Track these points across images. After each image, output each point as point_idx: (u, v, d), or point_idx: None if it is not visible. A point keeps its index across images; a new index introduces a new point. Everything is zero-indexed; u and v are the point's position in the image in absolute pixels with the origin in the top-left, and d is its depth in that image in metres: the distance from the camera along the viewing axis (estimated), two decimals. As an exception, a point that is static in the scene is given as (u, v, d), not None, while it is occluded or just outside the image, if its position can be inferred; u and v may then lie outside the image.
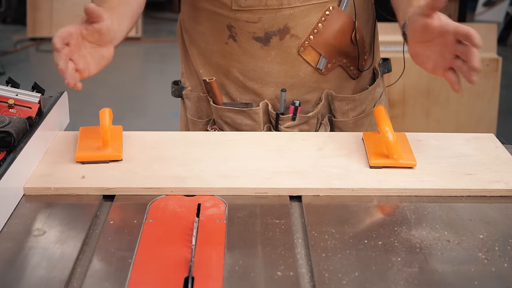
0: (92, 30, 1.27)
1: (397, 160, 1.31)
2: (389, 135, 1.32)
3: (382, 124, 1.34)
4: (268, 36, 1.56)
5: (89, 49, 1.29)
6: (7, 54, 6.12)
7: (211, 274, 1.00)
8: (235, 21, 1.56)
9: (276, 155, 1.37)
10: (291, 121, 1.62)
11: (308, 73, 1.61)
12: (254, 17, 1.55)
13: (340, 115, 1.67)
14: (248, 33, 1.57)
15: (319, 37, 1.57)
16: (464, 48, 1.24)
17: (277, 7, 1.54)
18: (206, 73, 1.66)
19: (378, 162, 1.32)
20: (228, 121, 1.63)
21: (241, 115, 1.62)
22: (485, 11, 6.68)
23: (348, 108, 1.66)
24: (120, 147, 1.36)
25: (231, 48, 1.60)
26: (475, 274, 1.01)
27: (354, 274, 1.01)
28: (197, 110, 1.72)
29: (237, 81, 1.63)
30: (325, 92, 1.64)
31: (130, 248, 1.07)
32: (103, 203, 1.22)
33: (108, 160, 1.32)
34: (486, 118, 3.59)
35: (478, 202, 1.22)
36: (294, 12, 1.54)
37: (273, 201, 1.21)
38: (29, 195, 1.23)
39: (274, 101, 1.63)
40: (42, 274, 1.00)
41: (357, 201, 1.22)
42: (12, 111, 1.36)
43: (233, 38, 1.59)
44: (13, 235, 1.10)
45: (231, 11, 1.56)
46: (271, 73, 1.60)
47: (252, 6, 1.54)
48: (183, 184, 1.25)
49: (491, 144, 1.43)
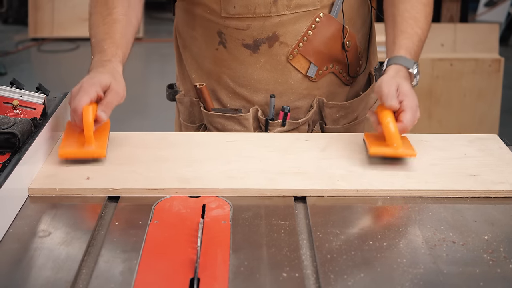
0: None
1: (396, 148, 1.31)
2: (390, 126, 1.32)
3: (384, 116, 1.34)
4: (257, 44, 1.56)
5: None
6: (8, 54, 6.12)
7: (216, 275, 1.00)
8: (225, 28, 1.57)
9: (280, 156, 1.37)
10: (280, 126, 1.62)
11: (298, 80, 1.60)
12: (243, 25, 1.55)
13: (330, 122, 1.66)
14: (237, 40, 1.57)
15: (308, 45, 1.57)
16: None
17: (265, 15, 1.54)
18: (198, 78, 1.67)
19: (378, 150, 1.32)
20: (218, 127, 1.64)
21: (231, 121, 1.62)
22: (487, 11, 6.68)
23: (338, 115, 1.66)
24: (105, 144, 1.34)
25: (221, 55, 1.60)
26: (480, 275, 1.01)
27: (360, 275, 1.01)
28: (189, 115, 1.72)
29: (228, 87, 1.63)
30: (317, 98, 1.64)
31: (136, 249, 1.07)
32: (107, 204, 1.22)
33: (91, 158, 1.31)
34: (488, 119, 3.59)
35: (482, 203, 1.23)
36: (282, 20, 1.54)
37: (278, 202, 1.22)
38: (34, 196, 1.23)
39: (264, 107, 1.63)
40: (48, 275, 1.00)
41: (361, 202, 1.22)
42: (16, 112, 1.36)
43: (223, 44, 1.59)
44: (18, 236, 1.10)
45: (221, 18, 1.56)
46: (261, 80, 1.60)
47: (241, 14, 1.54)
48: (187, 185, 1.25)
49: (495, 145, 1.43)
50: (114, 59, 1.41)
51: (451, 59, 3.54)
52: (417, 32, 1.49)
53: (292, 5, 1.53)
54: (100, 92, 1.34)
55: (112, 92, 1.35)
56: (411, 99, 1.37)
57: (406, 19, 1.49)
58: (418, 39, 1.49)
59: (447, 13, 4.41)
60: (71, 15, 6.54)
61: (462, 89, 3.56)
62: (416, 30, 1.49)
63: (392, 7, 1.53)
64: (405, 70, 1.43)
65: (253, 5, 1.52)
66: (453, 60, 3.54)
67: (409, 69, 1.44)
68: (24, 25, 6.76)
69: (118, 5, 1.48)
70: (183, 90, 1.73)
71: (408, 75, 1.44)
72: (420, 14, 1.51)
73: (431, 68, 3.51)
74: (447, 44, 3.66)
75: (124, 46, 1.45)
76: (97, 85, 1.34)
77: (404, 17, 1.50)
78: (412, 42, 1.47)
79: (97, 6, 1.50)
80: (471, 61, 3.53)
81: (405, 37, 1.47)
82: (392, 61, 1.45)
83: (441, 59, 3.53)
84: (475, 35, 3.67)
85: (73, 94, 1.34)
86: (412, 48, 1.46)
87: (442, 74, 3.54)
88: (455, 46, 3.66)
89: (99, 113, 1.32)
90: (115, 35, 1.44)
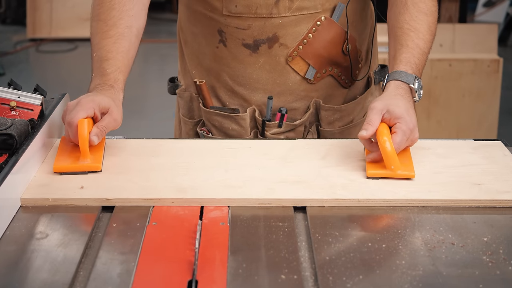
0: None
1: (394, 171, 1.28)
2: (386, 145, 1.28)
3: (380, 134, 1.30)
4: (257, 44, 1.56)
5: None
6: (7, 55, 6.11)
7: (214, 277, 1.00)
8: (226, 27, 1.57)
9: (279, 164, 1.35)
10: (277, 127, 1.61)
11: (297, 82, 1.60)
12: (244, 24, 1.55)
13: (326, 125, 1.66)
14: (237, 39, 1.57)
15: (308, 47, 1.57)
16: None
17: (266, 16, 1.53)
18: (198, 74, 1.67)
19: (375, 172, 1.29)
20: (216, 125, 1.64)
21: (229, 120, 1.62)
22: (485, 11, 6.68)
23: (334, 118, 1.65)
24: (100, 158, 1.32)
25: (221, 53, 1.61)
26: (480, 277, 1.01)
27: (358, 277, 1.00)
28: (189, 110, 1.72)
29: (227, 85, 1.64)
30: (314, 100, 1.63)
31: (133, 251, 1.06)
32: (102, 215, 1.19)
33: (87, 171, 1.29)
34: (487, 119, 3.59)
35: (487, 214, 1.20)
36: (283, 21, 1.54)
37: (277, 212, 1.19)
38: (26, 206, 1.20)
39: (262, 107, 1.63)
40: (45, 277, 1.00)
41: (363, 212, 1.20)
42: (14, 113, 1.35)
43: (223, 43, 1.59)
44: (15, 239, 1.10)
45: (222, 16, 1.56)
46: (259, 80, 1.60)
47: (242, 13, 1.54)
48: (184, 195, 1.22)
49: (499, 152, 1.40)
50: (116, 86, 1.39)
51: (450, 60, 3.54)
52: (418, 45, 1.44)
53: (294, 8, 1.52)
54: (97, 112, 1.32)
55: (110, 117, 1.33)
56: (405, 121, 1.32)
57: (406, 32, 1.45)
58: (420, 52, 1.44)
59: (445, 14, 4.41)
60: (70, 15, 6.54)
61: (461, 90, 3.56)
62: (417, 42, 1.44)
63: (393, 19, 1.49)
64: (405, 86, 1.40)
65: (254, 5, 1.52)
66: (452, 61, 3.53)
67: (409, 84, 1.40)
68: (22, 25, 6.75)
69: (124, 16, 1.46)
70: (184, 84, 1.74)
71: (409, 90, 1.40)
72: (421, 25, 1.46)
73: (430, 68, 3.51)
74: (446, 45, 3.66)
75: (126, 68, 1.44)
76: (96, 103, 1.32)
77: (403, 29, 1.45)
78: (412, 56, 1.43)
79: (103, 13, 1.46)
80: (470, 62, 3.53)
81: (405, 51, 1.43)
82: (392, 77, 1.41)
83: (440, 59, 3.53)
84: (473, 35, 3.67)
85: (69, 108, 1.32)
86: (413, 62, 1.42)
87: (441, 74, 3.54)
88: (454, 46, 3.66)
89: (92, 137, 1.29)
90: (118, 55, 1.42)
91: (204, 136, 1.65)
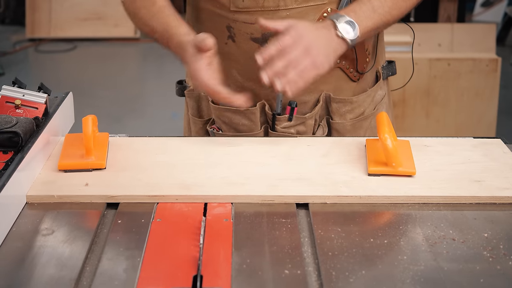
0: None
1: (395, 168, 1.29)
2: (388, 143, 1.29)
3: (382, 131, 1.31)
4: (265, 37, 1.57)
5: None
6: (6, 54, 6.12)
7: (219, 273, 1.01)
8: (234, 22, 1.58)
9: (282, 161, 1.36)
10: (287, 121, 1.62)
11: None
12: (252, 18, 1.56)
13: (337, 117, 1.67)
14: (246, 34, 1.58)
15: None
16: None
17: (273, 9, 1.55)
18: None
19: (376, 169, 1.30)
20: (226, 121, 1.65)
21: (239, 115, 1.63)
22: (483, 11, 6.70)
23: (345, 110, 1.66)
24: (104, 155, 1.34)
25: (230, 49, 1.62)
26: (480, 272, 1.02)
27: (361, 272, 1.02)
28: (198, 109, 1.73)
29: (236, 81, 1.64)
30: (323, 93, 1.65)
31: (139, 247, 1.08)
32: (107, 212, 1.21)
33: (91, 169, 1.31)
34: (486, 118, 3.61)
35: (487, 210, 1.21)
36: (290, 14, 1.55)
37: (279, 209, 1.20)
38: (31, 203, 1.22)
39: (272, 102, 1.64)
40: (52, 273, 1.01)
41: (365, 208, 1.21)
42: (19, 111, 1.37)
43: (232, 38, 1.60)
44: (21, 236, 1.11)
45: (230, 12, 1.57)
46: None
47: (249, 8, 1.55)
48: (188, 192, 1.23)
49: (499, 149, 1.41)
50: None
51: (449, 59, 3.55)
52: (372, 3, 1.49)
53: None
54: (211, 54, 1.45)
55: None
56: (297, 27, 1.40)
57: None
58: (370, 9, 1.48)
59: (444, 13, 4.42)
60: (69, 15, 6.55)
61: (459, 89, 3.57)
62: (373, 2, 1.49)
63: None
64: (330, 21, 1.45)
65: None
66: (450, 60, 3.55)
67: (333, 19, 1.44)
68: (21, 25, 6.76)
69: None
70: (192, 85, 1.75)
71: (332, 25, 1.44)
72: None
73: (429, 68, 3.52)
74: (444, 44, 3.67)
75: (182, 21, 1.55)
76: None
77: None
78: (359, 7, 1.48)
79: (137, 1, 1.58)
80: (468, 61, 3.54)
81: (355, 3, 1.49)
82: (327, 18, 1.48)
83: (438, 59, 3.54)
84: (472, 35, 3.69)
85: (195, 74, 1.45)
86: (355, 10, 1.47)
87: (439, 74, 3.55)
88: (452, 46, 3.68)
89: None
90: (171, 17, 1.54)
91: (214, 133, 1.66)
